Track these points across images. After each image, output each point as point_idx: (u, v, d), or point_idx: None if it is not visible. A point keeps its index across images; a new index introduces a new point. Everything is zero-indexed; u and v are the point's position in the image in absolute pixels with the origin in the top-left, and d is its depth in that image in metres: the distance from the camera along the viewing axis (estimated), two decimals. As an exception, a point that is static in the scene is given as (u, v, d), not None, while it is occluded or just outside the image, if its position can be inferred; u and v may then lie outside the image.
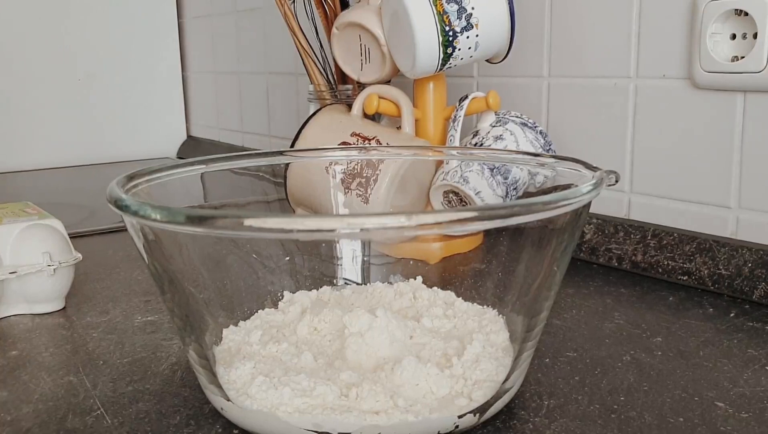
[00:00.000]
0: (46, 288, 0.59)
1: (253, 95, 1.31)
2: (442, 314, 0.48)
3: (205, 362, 0.41)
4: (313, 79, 0.83)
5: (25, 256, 0.58)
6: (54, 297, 0.60)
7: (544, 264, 0.41)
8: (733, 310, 0.56)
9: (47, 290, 0.59)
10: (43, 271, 0.58)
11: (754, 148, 0.60)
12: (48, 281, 0.58)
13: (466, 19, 0.66)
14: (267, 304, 0.51)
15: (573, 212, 0.39)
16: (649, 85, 0.67)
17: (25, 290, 0.58)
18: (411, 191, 0.67)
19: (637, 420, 0.40)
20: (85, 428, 0.41)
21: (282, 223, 0.32)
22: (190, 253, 0.42)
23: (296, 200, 0.67)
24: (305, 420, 0.37)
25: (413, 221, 0.32)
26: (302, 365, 0.41)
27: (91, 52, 1.43)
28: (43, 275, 0.58)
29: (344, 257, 0.56)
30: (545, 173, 0.50)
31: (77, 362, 0.50)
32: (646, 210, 0.68)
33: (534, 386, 0.44)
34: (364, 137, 0.70)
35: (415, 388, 0.39)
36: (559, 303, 0.58)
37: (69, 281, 0.60)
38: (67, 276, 0.60)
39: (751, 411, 0.41)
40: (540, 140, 0.69)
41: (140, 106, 1.50)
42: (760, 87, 0.58)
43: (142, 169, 0.45)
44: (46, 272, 0.58)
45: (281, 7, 0.83)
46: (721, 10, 0.59)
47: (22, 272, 0.57)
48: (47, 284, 0.58)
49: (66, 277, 0.60)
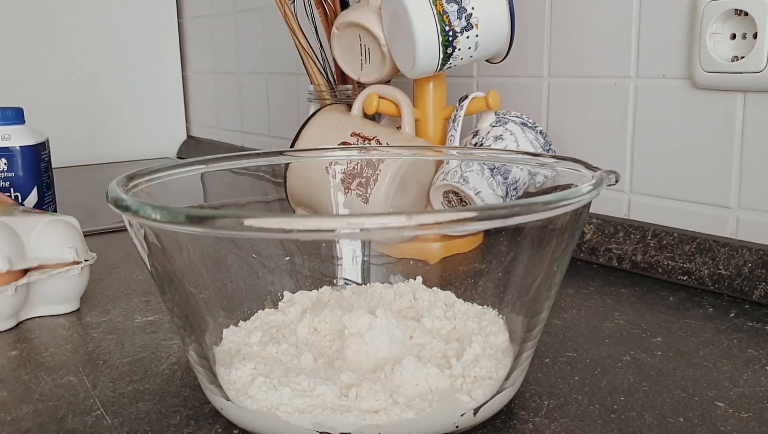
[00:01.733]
0: (69, 288, 0.58)
1: (253, 95, 1.31)
2: (442, 316, 0.48)
3: (205, 362, 0.41)
4: (313, 79, 0.83)
5: (48, 250, 0.57)
6: (73, 297, 0.59)
7: (544, 264, 0.41)
8: (733, 310, 0.56)
9: (69, 290, 0.58)
10: (71, 270, 0.57)
11: (754, 148, 0.60)
12: (72, 280, 0.57)
13: (466, 19, 0.66)
14: (267, 304, 0.51)
15: (573, 212, 0.39)
16: (649, 85, 0.67)
17: (47, 290, 0.57)
18: (411, 191, 0.67)
19: (637, 420, 0.40)
20: (85, 428, 0.41)
21: (282, 223, 0.32)
22: (190, 253, 0.42)
23: (296, 200, 0.67)
24: (305, 420, 0.37)
25: (413, 221, 0.32)
26: (302, 366, 0.41)
27: (91, 52, 1.43)
28: (69, 274, 0.57)
29: (344, 257, 0.56)
30: (545, 173, 0.50)
31: (77, 362, 0.50)
32: (646, 210, 0.68)
33: (534, 386, 0.44)
34: (364, 137, 0.69)
35: (415, 388, 0.39)
36: (559, 303, 0.58)
37: (86, 280, 0.60)
38: (86, 276, 0.60)
39: (751, 411, 0.41)
40: (540, 140, 0.69)
41: (140, 107, 1.50)
42: (760, 87, 0.58)
43: (142, 169, 0.45)
44: (74, 270, 0.57)
45: (281, 7, 0.83)
46: (721, 10, 0.59)
47: (54, 272, 0.56)
48: (71, 283, 0.58)
49: (85, 277, 0.59)
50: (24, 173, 0.79)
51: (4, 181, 0.79)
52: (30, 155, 0.79)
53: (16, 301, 0.55)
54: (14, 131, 0.79)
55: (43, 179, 0.81)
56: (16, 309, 0.55)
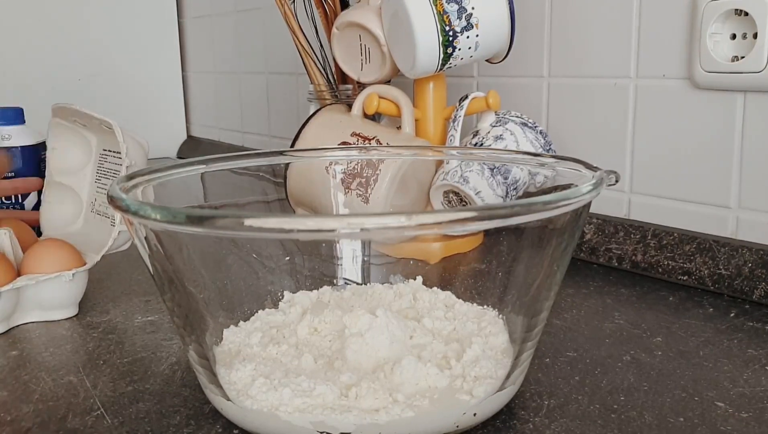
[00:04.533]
0: (63, 294, 0.57)
1: (253, 95, 1.31)
2: (442, 316, 0.48)
3: (206, 362, 0.41)
4: (313, 79, 0.83)
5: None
6: (69, 303, 0.58)
7: (544, 264, 0.41)
8: (733, 310, 0.56)
9: (63, 296, 0.57)
10: (61, 276, 0.56)
11: (754, 148, 0.60)
12: (65, 286, 0.57)
13: (466, 19, 0.66)
14: (267, 304, 0.51)
15: (573, 212, 0.39)
16: (649, 85, 0.67)
17: (41, 296, 0.56)
18: (411, 191, 0.67)
19: (637, 420, 0.40)
20: (85, 428, 0.41)
21: (282, 223, 0.32)
22: (190, 253, 0.42)
23: (296, 200, 0.67)
24: (305, 420, 0.37)
25: (413, 221, 0.32)
26: (302, 367, 0.41)
27: (91, 52, 1.43)
28: (61, 281, 0.56)
29: (344, 257, 0.56)
30: (545, 173, 0.50)
31: (77, 362, 0.50)
32: (646, 210, 0.68)
33: (534, 386, 0.44)
34: (364, 137, 0.69)
35: (415, 387, 0.39)
36: (559, 303, 0.58)
37: (84, 285, 0.59)
38: (84, 280, 0.59)
39: (751, 411, 0.41)
40: (540, 140, 0.69)
41: (140, 106, 1.49)
42: (760, 87, 0.58)
43: (142, 169, 0.45)
44: (65, 277, 0.56)
45: (281, 7, 0.83)
46: (721, 10, 0.59)
47: (42, 278, 0.55)
48: (64, 289, 0.57)
49: (83, 281, 0.58)
50: (24, 173, 0.79)
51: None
52: (30, 155, 0.79)
53: (5, 306, 0.54)
54: (14, 131, 0.79)
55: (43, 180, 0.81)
56: (6, 314, 0.55)
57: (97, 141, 0.67)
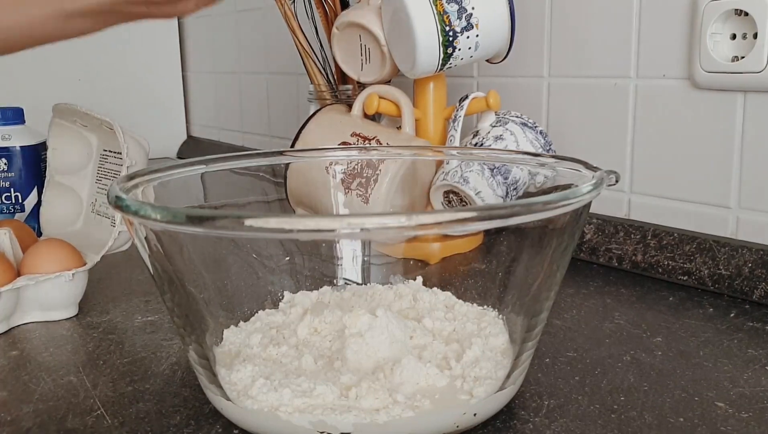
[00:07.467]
0: (63, 294, 0.57)
1: (253, 95, 1.31)
2: (442, 317, 0.48)
3: (206, 362, 0.41)
4: (313, 79, 0.83)
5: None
6: (69, 303, 0.58)
7: (544, 264, 0.41)
8: (733, 310, 0.56)
9: (63, 296, 0.57)
10: (61, 276, 0.56)
11: (754, 148, 0.60)
12: (65, 286, 0.57)
13: (467, 19, 0.66)
14: (267, 304, 0.51)
15: (573, 212, 0.39)
16: (649, 85, 0.67)
17: (41, 296, 0.56)
18: (411, 191, 0.67)
19: (637, 420, 0.40)
20: (85, 428, 0.41)
21: (282, 223, 0.32)
22: (190, 253, 0.42)
23: (296, 200, 0.67)
24: (305, 420, 0.37)
25: (413, 221, 0.32)
26: (303, 367, 0.41)
27: (91, 52, 1.43)
28: (61, 281, 0.56)
29: (344, 257, 0.56)
30: (545, 173, 0.50)
31: (77, 362, 0.50)
32: (646, 210, 0.68)
33: (534, 386, 0.44)
34: (364, 137, 0.69)
35: (415, 386, 0.39)
36: (559, 303, 0.58)
37: (84, 285, 0.59)
38: (84, 281, 0.59)
39: (751, 411, 0.41)
40: (540, 140, 0.69)
41: (140, 106, 1.49)
42: (760, 87, 0.58)
43: (143, 169, 0.45)
44: (65, 277, 0.56)
45: (281, 7, 0.83)
46: (721, 10, 0.59)
47: (42, 278, 0.55)
48: (64, 289, 0.57)
49: (83, 281, 0.58)
50: (24, 173, 0.79)
51: (4, 181, 0.79)
52: (30, 155, 0.79)
53: (6, 306, 0.54)
54: (14, 131, 0.79)
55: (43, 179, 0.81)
56: (6, 314, 0.55)
57: (97, 141, 0.67)
